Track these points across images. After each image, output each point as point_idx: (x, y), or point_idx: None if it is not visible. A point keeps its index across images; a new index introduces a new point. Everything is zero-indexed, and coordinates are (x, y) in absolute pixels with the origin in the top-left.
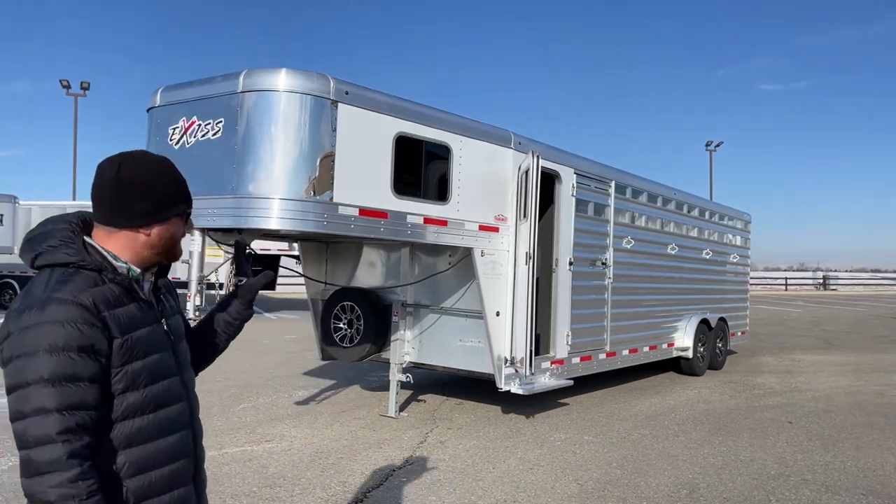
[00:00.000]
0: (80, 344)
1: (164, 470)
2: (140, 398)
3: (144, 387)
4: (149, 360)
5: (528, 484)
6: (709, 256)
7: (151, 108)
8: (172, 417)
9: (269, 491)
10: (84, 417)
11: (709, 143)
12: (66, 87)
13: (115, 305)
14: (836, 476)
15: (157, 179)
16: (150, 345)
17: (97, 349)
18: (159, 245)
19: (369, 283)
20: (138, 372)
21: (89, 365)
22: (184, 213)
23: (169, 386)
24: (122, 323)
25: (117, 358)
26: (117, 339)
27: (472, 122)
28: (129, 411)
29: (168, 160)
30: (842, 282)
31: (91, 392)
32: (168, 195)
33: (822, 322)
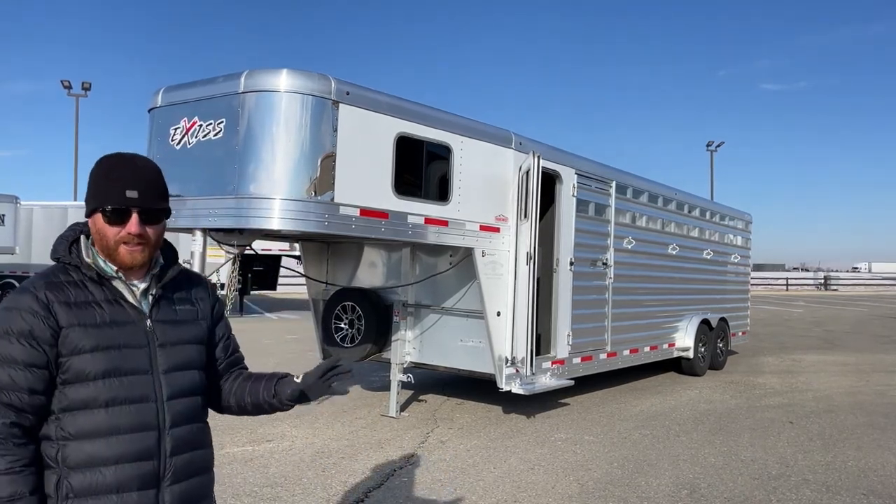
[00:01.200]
0: (19, 329)
1: (111, 469)
2: (88, 392)
3: (94, 380)
4: (101, 356)
5: (529, 484)
6: (709, 256)
7: (153, 108)
8: (130, 416)
9: (270, 491)
10: (12, 397)
11: (710, 144)
12: (67, 87)
13: (75, 301)
14: (836, 476)
15: (92, 172)
16: (109, 340)
17: (35, 336)
18: (96, 239)
19: (370, 284)
20: (84, 366)
21: (26, 350)
22: (103, 209)
23: (131, 383)
24: (73, 315)
25: (63, 348)
26: (65, 329)
27: (473, 122)
28: (75, 403)
29: (113, 158)
30: (843, 282)
31: (24, 375)
32: (93, 188)
33: (823, 322)
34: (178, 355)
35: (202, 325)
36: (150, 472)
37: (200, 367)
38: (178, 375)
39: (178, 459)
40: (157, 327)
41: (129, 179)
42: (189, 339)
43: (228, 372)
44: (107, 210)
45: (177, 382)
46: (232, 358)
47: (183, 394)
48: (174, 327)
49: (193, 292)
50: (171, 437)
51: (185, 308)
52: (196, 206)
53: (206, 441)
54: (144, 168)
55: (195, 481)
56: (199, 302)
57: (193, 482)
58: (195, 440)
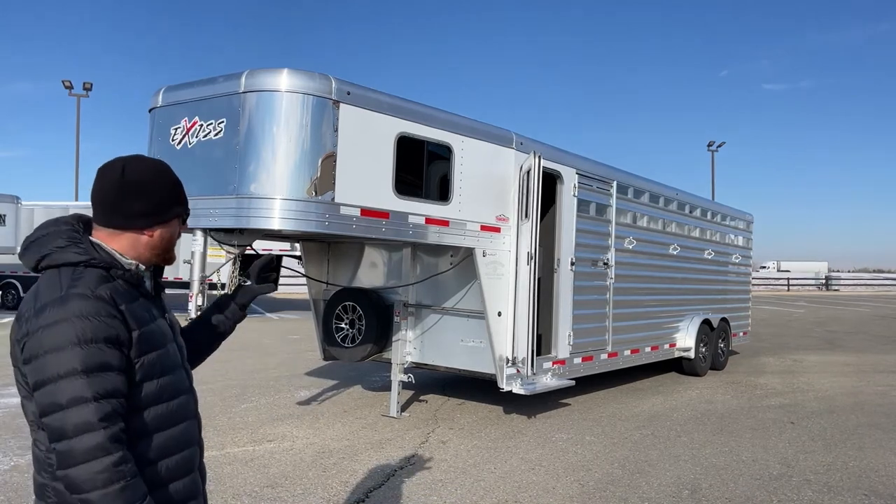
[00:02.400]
0: (107, 335)
1: (177, 457)
2: (156, 388)
3: (158, 377)
4: (160, 352)
5: (530, 484)
6: (711, 257)
7: (153, 108)
8: (182, 406)
9: (271, 491)
10: (117, 405)
11: (711, 144)
12: (68, 87)
13: (128, 300)
14: (838, 476)
15: (157, 181)
16: (159, 338)
17: (121, 339)
18: (159, 246)
19: (371, 284)
20: (153, 363)
21: (116, 354)
22: (182, 215)
23: (177, 376)
24: (137, 316)
25: (136, 349)
26: (135, 331)
27: (474, 122)
28: (147, 400)
29: (165, 163)
30: (844, 282)
31: (120, 380)
32: (168, 197)
33: (825, 322)
34: (183, 346)
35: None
36: (195, 455)
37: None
38: (187, 364)
39: (201, 440)
40: (170, 320)
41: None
42: (179, 328)
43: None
44: (184, 217)
45: (190, 369)
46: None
47: (192, 380)
48: (173, 318)
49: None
50: (198, 421)
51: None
52: (197, 206)
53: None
54: None
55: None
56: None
57: (203, 461)
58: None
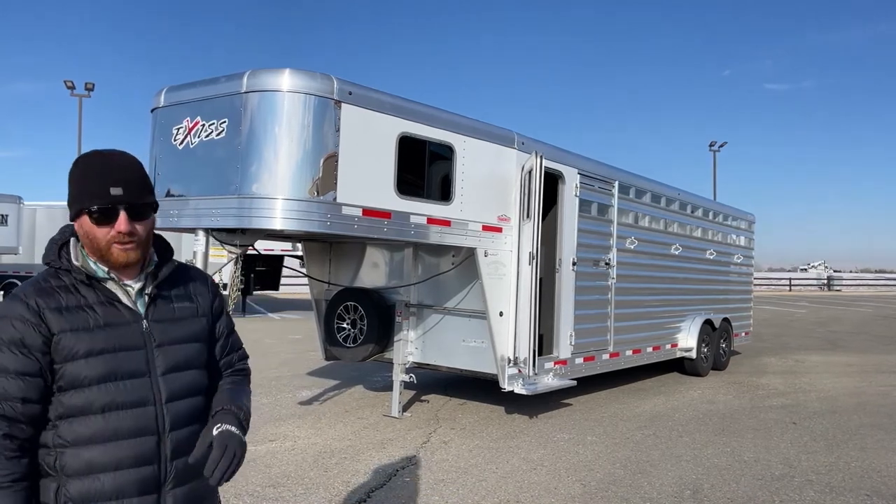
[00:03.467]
0: (10, 337)
1: (110, 475)
2: (84, 398)
3: (89, 386)
4: (96, 361)
5: (532, 484)
6: (712, 257)
7: (155, 108)
8: (128, 420)
9: (273, 491)
10: (5, 407)
11: (712, 144)
12: (70, 87)
13: (66, 306)
14: (840, 477)
15: (71, 174)
16: (104, 343)
17: (27, 344)
18: (85, 242)
19: (373, 284)
20: (78, 372)
21: (17, 359)
22: (89, 210)
23: (128, 388)
24: (65, 321)
25: (56, 355)
26: (55, 336)
27: (476, 122)
28: (72, 410)
29: (92, 156)
30: (846, 282)
31: (16, 384)
32: (74, 190)
33: (827, 323)
34: (176, 355)
35: (202, 322)
36: (150, 476)
37: (201, 366)
38: (177, 376)
39: (180, 462)
40: (154, 327)
41: (111, 176)
42: (188, 338)
43: (223, 373)
44: (92, 211)
45: (176, 384)
46: (228, 358)
47: (182, 395)
48: (172, 326)
49: (192, 288)
50: (171, 441)
51: (184, 305)
52: (199, 206)
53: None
54: (125, 163)
55: (197, 484)
56: (197, 297)
57: (196, 485)
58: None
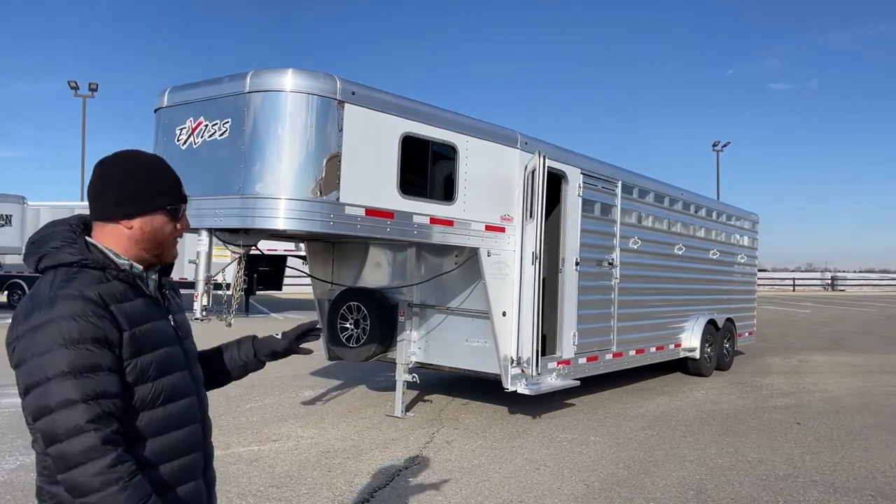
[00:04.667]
0: (94, 335)
1: (175, 463)
2: (150, 391)
3: (154, 379)
4: (157, 354)
5: (535, 484)
6: (716, 257)
7: (159, 108)
8: (182, 411)
9: (276, 491)
10: (109, 405)
11: (716, 144)
12: (74, 87)
13: (120, 300)
14: (844, 477)
15: (135, 172)
16: (157, 339)
17: (110, 340)
18: (143, 240)
19: (376, 284)
20: (148, 365)
21: (106, 355)
22: (166, 207)
23: (178, 380)
24: (129, 317)
25: (127, 350)
26: (126, 332)
27: (479, 122)
28: (140, 403)
29: (155, 157)
30: (850, 283)
31: (111, 380)
32: (146, 188)
33: (831, 323)
34: (192, 346)
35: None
36: (199, 461)
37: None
38: (197, 367)
39: (208, 446)
40: (176, 321)
41: (177, 178)
42: (190, 329)
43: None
44: (172, 208)
45: (199, 373)
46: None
47: (202, 383)
48: (182, 319)
49: (168, 282)
50: (204, 427)
51: (176, 300)
52: (202, 206)
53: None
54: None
55: (213, 466)
56: (177, 291)
57: (212, 467)
58: (210, 426)
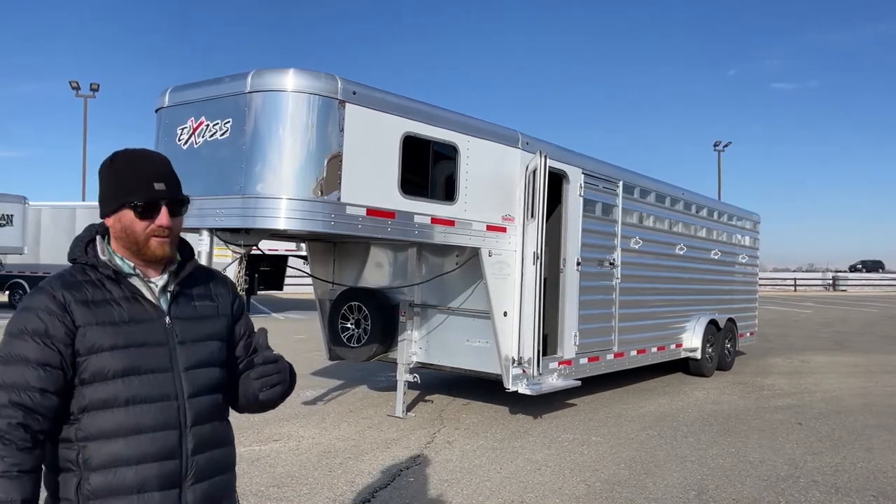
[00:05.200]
0: (34, 328)
1: (133, 468)
2: (108, 391)
3: (112, 379)
4: (120, 355)
5: (536, 484)
6: (717, 257)
7: (160, 108)
8: (151, 414)
9: (277, 490)
10: (23, 396)
11: (717, 144)
12: (75, 88)
13: (92, 300)
14: (846, 478)
15: (106, 171)
16: (128, 340)
17: (50, 335)
18: (119, 237)
19: (377, 283)
20: (104, 366)
21: (40, 349)
22: (131, 203)
23: (151, 382)
24: (91, 314)
25: (81, 347)
26: (80, 329)
27: (480, 121)
28: (95, 403)
29: (132, 154)
30: (851, 283)
31: (36, 374)
32: (115, 184)
33: (832, 323)
34: (198, 352)
35: (222, 321)
36: (172, 471)
37: (221, 364)
38: (200, 373)
39: (201, 458)
40: (176, 324)
41: (155, 172)
42: (209, 336)
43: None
44: (137, 205)
45: (198, 380)
46: (249, 359)
47: (204, 391)
48: (194, 323)
49: (212, 288)
50: (192, 436)
51: (205, 304)
52: (203, 206)
53: (227, 439)
54: (163, 160)
55: (217, 480)
56: (218, 298)
57: (215, 481)
58: (217, 438)
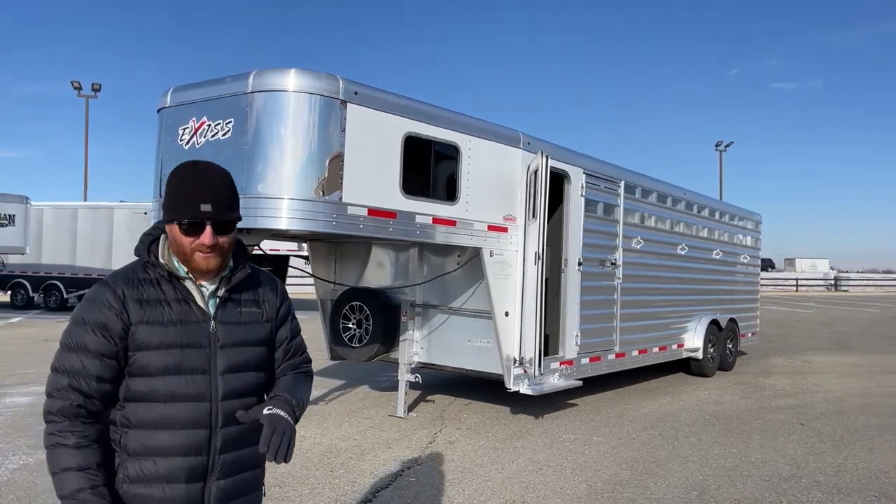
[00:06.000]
0: (95, 320)
1: (163, 460)
2: (149, 385)
3: (154, 375)
4: (164, 354)
5: (537, 485)
6: (719, 257)
7: (162, 108)
8: (184, 412)
9: (279, 490)
10: (81, 383)
11: (718, 144)
12: (77, 88)
13: (148, 299)
14: (847, 478)
15: (170, 181)
16: (174, 340)
17: (109, 328)
18: (174, 247)
19: (378, 284)
20: (147, 362)
21: (99, 340)
22: (179, 221)
23: (189, 382)
24: (143, 313)
25: (132, 343)
26: (133, 326)
27: (481, 121)
28: (137, 395)
29: (188, 168)
30: (853, 283)
31: (94, 363)
32: (169, 198)
33: (834, 323)
34: (237, 357)
35: (266, 327)
36: (198, 466)
37: (259, 369)
38: (235, 377)
39: (228, 456)
40: (220, 329)
41: (203, 193)
42: (251, 342)
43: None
44: (182, 223)
45: (232, 384)
46: (290, 361)
47: (237, 395)
48: (237, 329)
49: (261, 293)
50: (221, 436)
51: (251, 310)
52: None
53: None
54: (216, 179)
55: (241, 477)
56: (265, 304)
57: (238, 479)
58: (246, 439)
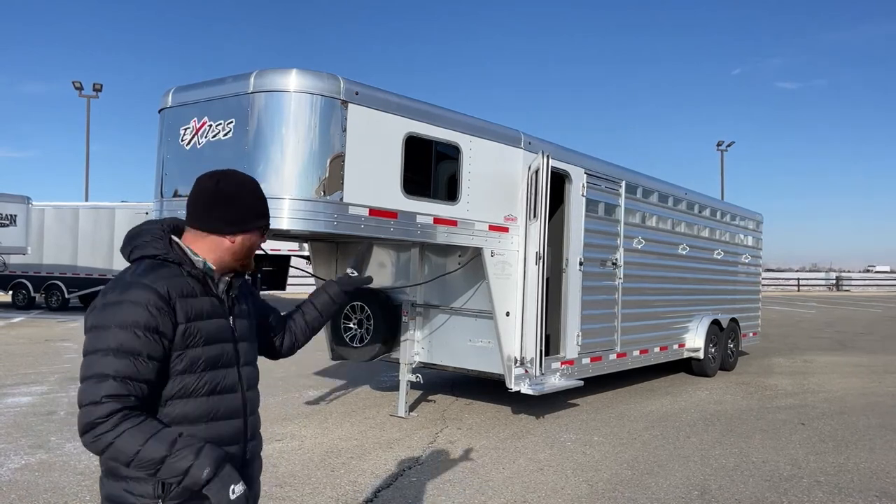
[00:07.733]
0: (147, 323)
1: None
2: (196, 381)
3: (201, 371)
4: (209, 349)
5: (538, 484)
6: (720, 257)
7: (163, 108)
8: (224, 404)
9: (280, 490)
10: (134, 387)
11: (720, 143)
12: (78, 88)
13: (187, 296)
14: (849, 478)
15: (247, 194)
16: (213, 335)
17: (161, 331)
18: (240, 252)
19: (379, 284)
20: (197, 357)
21: (150, 344)
22: (262, 227)
23: (225, 376)
24: (189, 312)
25: (180, 341)
26: (181, 325)
27: (482, 121)
28: (184, 391)
29: (254, 181)
30: (855, 283)
31: (146, 367)
32: (252, 210)
33: (836, 323)
34: (249, 350)
35: (254, 320)
36: (238, 454)
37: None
38: (250, 369)
39: (252, 443)
40: (236, 323)
41: (266, 200)
42: (252, 336)
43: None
44: (264, 227)
45: (249, 374)
46: (278, 316)
47: (253, 385)
48: (246, 323)
49: (245, 289)
50: (250, 424)
51: (246, 306)
52: None
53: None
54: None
55: (257, 464)
56: (249, 297)
57: (256, 464)
58: (259, 427)
